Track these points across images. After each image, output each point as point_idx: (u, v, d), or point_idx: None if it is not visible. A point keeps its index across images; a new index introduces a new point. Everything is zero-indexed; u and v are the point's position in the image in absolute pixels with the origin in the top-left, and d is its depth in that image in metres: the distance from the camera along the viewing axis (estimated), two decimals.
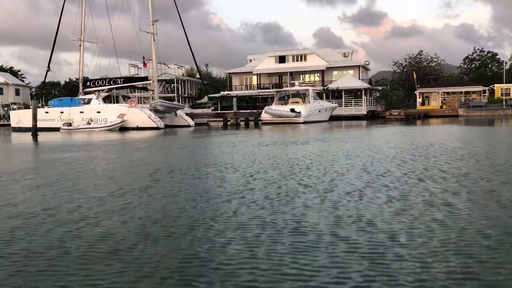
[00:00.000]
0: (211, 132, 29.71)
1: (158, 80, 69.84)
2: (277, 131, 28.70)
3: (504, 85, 55.31)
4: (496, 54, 70.61)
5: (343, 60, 63.14)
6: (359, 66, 61.28)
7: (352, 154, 12.15)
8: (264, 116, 41.98)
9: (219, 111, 44.15)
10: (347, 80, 54.97)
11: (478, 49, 71.90)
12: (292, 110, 40.71)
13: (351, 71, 60.68)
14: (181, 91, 68.12)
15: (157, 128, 34.95)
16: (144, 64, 40.93)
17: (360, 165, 9.80)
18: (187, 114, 40.71)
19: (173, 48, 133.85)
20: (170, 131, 31.70)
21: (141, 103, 43.71)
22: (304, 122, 39.92)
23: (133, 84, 39.65)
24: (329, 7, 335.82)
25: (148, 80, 39.67)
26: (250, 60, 68.62)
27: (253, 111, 45.13)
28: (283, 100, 46.10)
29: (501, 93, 54.81)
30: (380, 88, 57.91)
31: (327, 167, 9.49)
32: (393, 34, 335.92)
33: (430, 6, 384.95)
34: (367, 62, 65.01)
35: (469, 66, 71.45)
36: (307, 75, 61.89)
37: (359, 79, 58.14)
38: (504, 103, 52.15)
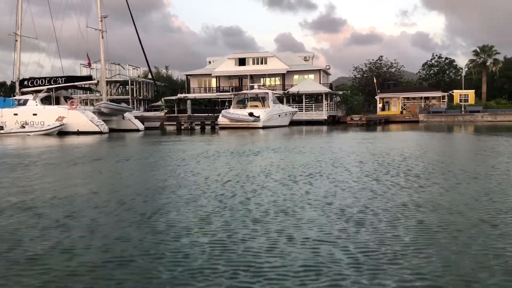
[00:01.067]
0: (158, 138, 26.02)
1: (112, 82, 65.49)
2: (232, 137, 25.40)
3: (463, 91, 54.04)
4: (453, 60, 69.70)
5: (304, 64, 60.53)
6: (320, 70, 58.78)
7: (311, 173, 8.91)
8: (221, 120, 38.52)
9: (171, 115, 40.28)
10: (308, 84, 52.29)
11: (437, 55, 70.87)
12: (251, 114, 37.48)
13: (312, 76, 58.11)
14: (136, 93, 63.76)
15: (100, 133, 30.86)
16: (89, 64, 36.30)
17: (320, 195, 6.54)
18: (137, 117, 36.71)
19: (133, 50, 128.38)
20: (115, 136, 27.80)
21: (89, 105, 39.26)
22: (263, 127, 36.78)
23: (75, 84, 35.24)
24: (290, 13, 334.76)
25: (92, 80, 35.36)
26: (210, 62, 64.97)
27: (209, 114, 41.55)
28: (242, 103, 42.79)
29: (460, 99, 53.53)
30: (340, 93, 55.57)
31: (271, 200, 6.18)
32: (352, 41, 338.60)
33: (387, 14, 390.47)
34: (328, 67, 62.70)
35: (428, 72, 70.33)
36: (267, 79, 58.83)
37: (320, 83, 55.62)
38: (463, 109, 50.83)
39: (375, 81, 58.84)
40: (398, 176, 8.27)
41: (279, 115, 40.52)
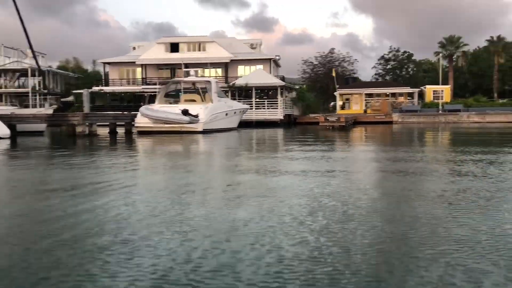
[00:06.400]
0: None
1: (9, 70, 48.36)
2: (149, 155, 11.80)
3: (438, 87, 43.67)
4: (412, 54, 59.77)
5: (250, 52, 47.38)
6: (270, 59, 45.90)
7: None
8: (140, 120, 24.23)
9: (58, 113, 25.11)
10: (259, 76, 39.26)
11: (394, 48, 60.49)
12: (185, 112, 23.56)
13: (260, 66, 45.09)
14: (40, 86, 47.28)
15: None
16: None
17: None
18: (2, 117, 21.53)
19: (56, 43, 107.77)
20: None
21: None
22: (204, 132, 23.18)
23: None
24: (223, 10, 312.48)
25: None
26: (134, 48, 49.86)
27: (123, 113, 27.19)
28: (173, 97, 28.89)
29: (435, 96, 43.06)
30: (297, 87, 43.16)
31: None
32: (285, 41, 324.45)
33: (318, 15, 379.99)
34: (277, 57, 49.93)
35: (384, 66, 59.89)
36: (206, 69, 45.02)
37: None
38: (440, 107, 40.27)
39: (334, 74, 47.04)
40: None
41: (226, 114, 26.99)
